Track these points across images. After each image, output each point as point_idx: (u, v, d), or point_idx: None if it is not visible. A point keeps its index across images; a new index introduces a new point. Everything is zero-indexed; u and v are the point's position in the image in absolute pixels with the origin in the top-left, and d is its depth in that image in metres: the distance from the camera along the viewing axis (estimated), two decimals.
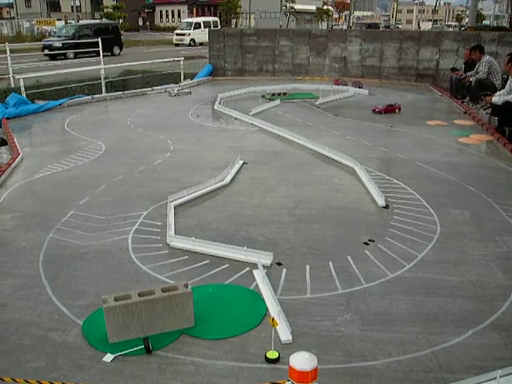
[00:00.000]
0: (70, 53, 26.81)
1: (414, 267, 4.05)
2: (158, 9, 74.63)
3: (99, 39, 14.38)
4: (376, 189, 5.64)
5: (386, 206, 5.32)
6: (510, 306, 3.52)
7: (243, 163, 6.81)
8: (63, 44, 27.20)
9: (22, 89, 11.58)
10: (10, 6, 65.66)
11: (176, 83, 14.80)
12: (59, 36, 30.39)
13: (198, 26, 41.70)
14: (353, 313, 3.44)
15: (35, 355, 3.01)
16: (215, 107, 11.07)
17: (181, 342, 3.13)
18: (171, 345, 3.10)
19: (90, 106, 11.76)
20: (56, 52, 26.25)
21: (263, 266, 3.97)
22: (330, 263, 4.11)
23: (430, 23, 78.48)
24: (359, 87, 13.14)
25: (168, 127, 9.22)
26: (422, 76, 15.04)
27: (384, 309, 3.48)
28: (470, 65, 11.64)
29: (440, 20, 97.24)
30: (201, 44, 38.17)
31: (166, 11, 74.18)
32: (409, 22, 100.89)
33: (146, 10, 74.67)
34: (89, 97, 12.36)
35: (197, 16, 65.89)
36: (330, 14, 75.59)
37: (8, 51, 12.31)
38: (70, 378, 2.79)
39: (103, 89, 13.43)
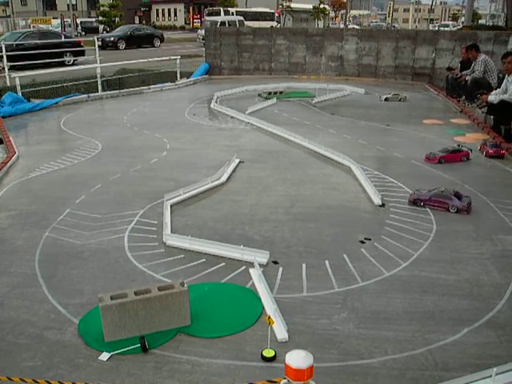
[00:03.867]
0: None
1: (410, 265, 4.06)
2: (154, 7, 74.47)
3: None
4: (372, 187, 5.65)
5: (382, 205, 5.32)
6: (505, 304, 3.53)
7: (239, 162, 6.81)
8: None
9: (18, 87, 11.54)
10: (6, 4, 65.44)
11: (172, 82, 14.78)
12: None
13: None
14: (349, 311, 3.44)
15: (31, 354, 3.00)
16: (211, 106, 11.07)
17: (177, 341, 3.13)
18: (167, 343, 3.10)
19: (86, 105, 11.73)
20: None
21: (259, 264, 3.97)
22: (327, 262, 4.11)
23: None
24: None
25: (164, 126, 9.21)
26: (418, 75, 15.07)
27: (380, 307, 3.49)
28: (466, 64, 11.66)
29: (436, 19, 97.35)
30: None
31: (163, 10, 74.01)
32: (405, 20, 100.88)
33: (142, 9, 74.51)
34: (85, 95, 12.33)
35: (193, 15, 65.84)
36: (327, 12, 75.69)
37: (4, 50, 12.27)
38: (67, 377, 2.79)
39: (99, 87, 13.39)
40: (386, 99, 11.84)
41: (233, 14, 48.19)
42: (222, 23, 36.39)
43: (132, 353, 3.00)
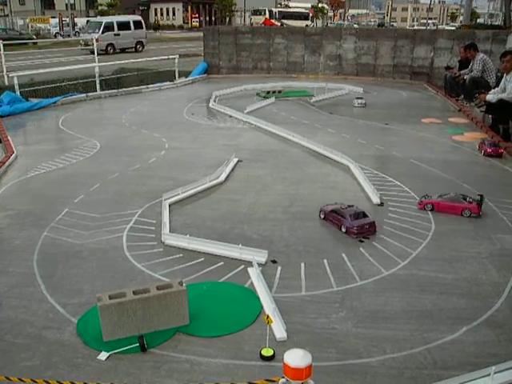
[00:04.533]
0: None
1: (408, 265, 4.06)
2: (152, 7, 74.39)
3: None
4: (371, 186, 5.65)
5: (381, 204, 5.33)
6: (503, 302, 3.53)
7: (238, 161, 6.81)
8: None
9: (16, 87, 11.53)
10: (4, 3, 65.30)
11: (171, 81, 14.77)
12: None
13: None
14: (347, 310, 3.44)
15: (30, 354, 3.00)
16: (210, 105, 11.06)
17: (176, 340, 3.13)
18: (166, 343, 3.10)
19: (85, 104, 11.72)
20: None
21: (258, 263, 3.97)
22: (325, 261, 4.11)
23: None
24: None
25: (163, 125, 9.21)
26: (416, 74, 15.08)
27: (379, 306, 3.49)
28: (464, 63, 11.67)
29: (435, 18, 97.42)
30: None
31: (161, 9, 73.92)
32: (404, 19, 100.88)
33: (140, 8, 74.43)
34: (83, 95, 12.32)
35: (192, 14, 65.76)
36: (325, 11, 75.83)
37: (2, 49, 12.25)
38: (65, 377, 2.78)
39: (97, 87, 13.37)
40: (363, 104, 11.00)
41: (276, 13, 54.82)
42: (107, 27, 31.05)
43: (130, 352, 3.00)
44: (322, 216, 4.93)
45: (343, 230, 4.63)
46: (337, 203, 5.00)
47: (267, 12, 55.00)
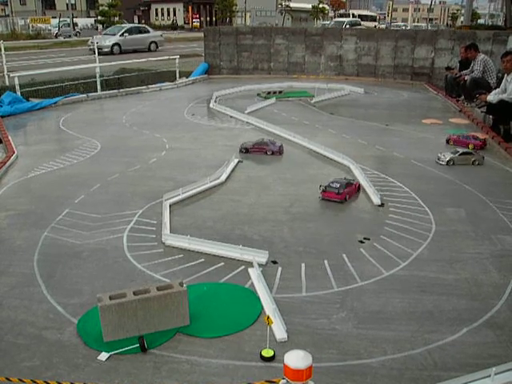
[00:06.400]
0: None
1: (409, 265, 4.06)
2: (153, 7, 74.41)
3: None
4: (371, 187, 5.65)
5: (382, 205, 5.32)
6: (504, 303, 3.53)
7: (238, 161, 6.81)
8: None
9: (17, 87, 11.53)
10: (5, 3, 65.33)
11: (171, 81, 14.77)
12: None
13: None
14: (348, 311, 3.44)
15: (30, 354, 3.00)
16: (210, 105, 11.06)
17: (176, 341, 3.13)
18: (166, 343, 3.10)
19: (85, 105, 11.72)
20: None
21: (258, 264, 3.97)
22: (326, 261, 4.11)
23: None
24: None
25: (163, 125, 9.21)
26: (417, 74, 15.07)
27: (379, 307, 3.49)
28: (465, 63, 11.67)
29: (436, 19, 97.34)
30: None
31: (162, 9, 73.95)
32: (404, 20, 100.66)
33: (141, 8, 74.44)
34: (84, 95, 12.32)
35: (192, 15, 65.73)
36: (326, 12, 75.75)
37: (3, 49, 12.25)
38: (65, 377, 2.79)
39: (98, 87, 13.38)
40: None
41: (355, 16, 62.54)
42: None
43: (131, 353, 3.00)
44: (244, 151, 6.92)
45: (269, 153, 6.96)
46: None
47: (351, 15, 63.79)
